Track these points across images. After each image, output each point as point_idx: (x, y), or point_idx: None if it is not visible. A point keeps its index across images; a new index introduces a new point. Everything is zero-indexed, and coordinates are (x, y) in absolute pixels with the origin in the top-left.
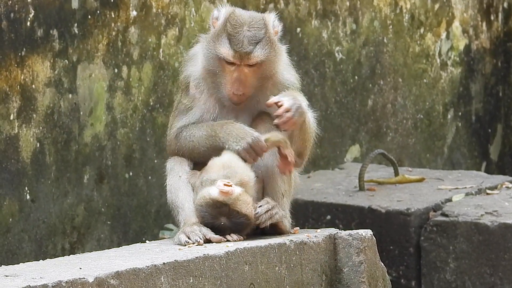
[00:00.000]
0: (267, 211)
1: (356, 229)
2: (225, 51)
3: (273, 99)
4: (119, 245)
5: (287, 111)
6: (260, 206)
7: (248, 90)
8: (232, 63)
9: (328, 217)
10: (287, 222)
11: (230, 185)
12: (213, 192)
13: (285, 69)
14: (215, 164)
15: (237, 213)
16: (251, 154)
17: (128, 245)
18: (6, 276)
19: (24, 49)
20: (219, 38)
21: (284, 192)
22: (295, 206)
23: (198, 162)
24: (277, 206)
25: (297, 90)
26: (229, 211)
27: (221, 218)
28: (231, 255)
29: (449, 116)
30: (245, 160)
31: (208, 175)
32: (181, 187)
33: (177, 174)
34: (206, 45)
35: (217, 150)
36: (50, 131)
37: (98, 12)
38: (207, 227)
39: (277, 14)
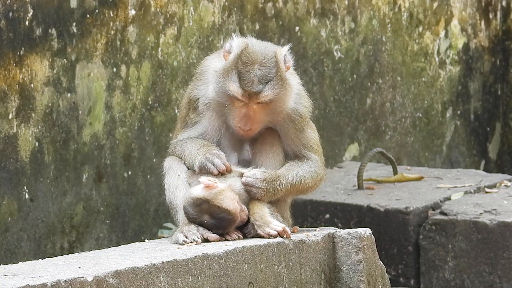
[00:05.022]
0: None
1: (355, 228)
2: (234, 89)
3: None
4: (118, 244)
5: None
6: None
7: (256, 125)
8: (241, 100)
9: (327, 216)
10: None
11: (215, 182)
12: (193, 190)
13: (296, 100)
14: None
15: (218, 208)
16: (211, 165)
17: (127, 244)
18: (5, 275)
19: (23, 48)
20: (229, 75)
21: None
22: (294, 205)
23: None
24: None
25: (306, 120)
26: (209, 207)
27: (204, 216)
28: (230, 254)
29: (447, 115)
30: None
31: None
32: (180, 186)
33: (175, 173)
34: (217, 79)
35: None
36: (48, 130)
37: (97, 11)
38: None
39: (275, 13)
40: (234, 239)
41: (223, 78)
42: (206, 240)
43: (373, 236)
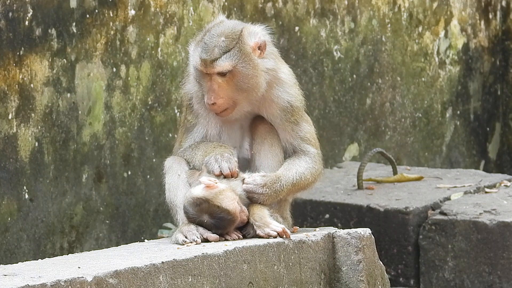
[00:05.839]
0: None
1: (354, 228)
2: (195, 58)
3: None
4: (117, 244)
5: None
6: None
7: (222, 101)
8: (203, 72)
9: (327, 216)
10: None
11: (216, 182)
12: (194, 190)
13: (284, 88)
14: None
15: (217, 208)
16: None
17: (127, 244)
18: (5, 275)
19: (23, 48)
20: (197, 47)
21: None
22: (293, 205)
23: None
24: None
25: (299, 113)
26: (209, 207)
27: (204, 216)
28: (229, 254)
29: (447, 115)
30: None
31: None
32: (180, 186)
33: (176, 172)
34: (190, 53)
35: None
36: (48, 130)
37: (97, 11)
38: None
39: (275, 13)
40: (234, 239)
41: (193, 51)
42: (205, 240)
43: (372, 236)
